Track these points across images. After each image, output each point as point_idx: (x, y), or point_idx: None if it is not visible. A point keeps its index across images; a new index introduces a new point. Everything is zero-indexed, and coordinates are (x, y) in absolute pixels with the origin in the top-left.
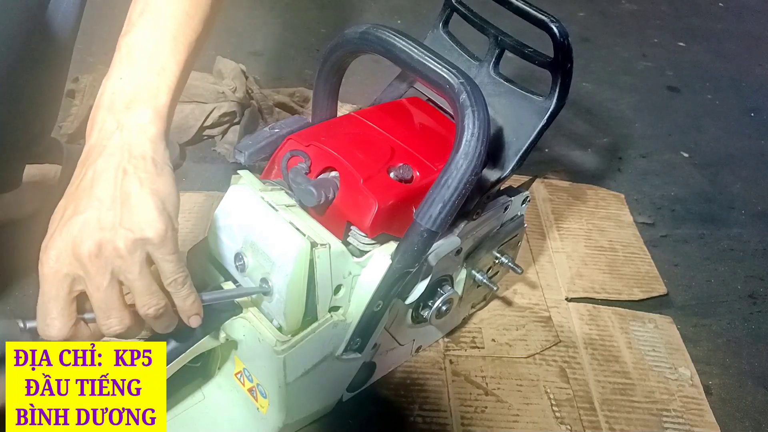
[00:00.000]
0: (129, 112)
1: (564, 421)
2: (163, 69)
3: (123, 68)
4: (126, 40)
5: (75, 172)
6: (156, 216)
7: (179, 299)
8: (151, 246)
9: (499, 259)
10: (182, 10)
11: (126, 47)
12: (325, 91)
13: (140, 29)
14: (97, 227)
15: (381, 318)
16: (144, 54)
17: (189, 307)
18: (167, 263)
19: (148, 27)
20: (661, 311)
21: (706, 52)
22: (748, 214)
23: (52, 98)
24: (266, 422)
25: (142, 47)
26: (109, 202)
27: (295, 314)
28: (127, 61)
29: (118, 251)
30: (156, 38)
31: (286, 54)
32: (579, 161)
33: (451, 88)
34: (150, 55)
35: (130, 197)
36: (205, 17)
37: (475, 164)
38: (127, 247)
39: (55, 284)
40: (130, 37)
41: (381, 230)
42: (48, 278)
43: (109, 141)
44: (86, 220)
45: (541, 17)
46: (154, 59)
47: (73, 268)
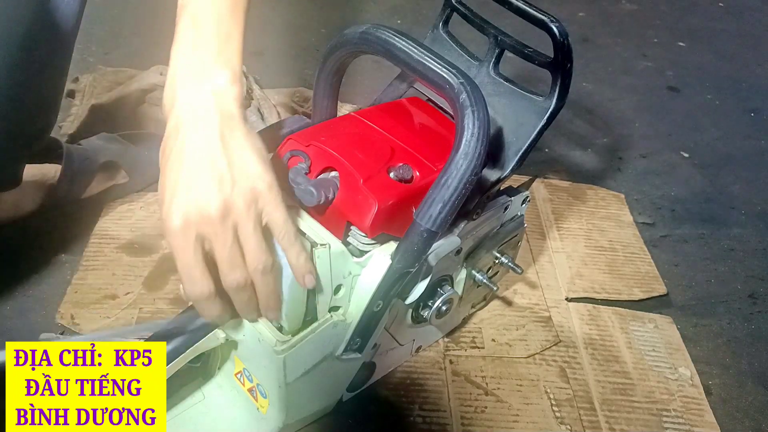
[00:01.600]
0: (211, 76)
1: (564, 421)
2: (229, 36)
3: (192, 37)
4: (188, 10)
5: (168, 140)
6: (263, 170)
7: (293, 255)
8: (262, 200)
9: (499, 259)
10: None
11: (190, 17)
12: (325, 91)
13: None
14: (217, 187)
15: (381, 318)
16: (209, 23)
17: (303, 263)
18: (279, 215)
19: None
20: (661, 311)
21: (706, 52)
22: (748, 214)
23: (53, 94)
24: (266, 422)
25: (206, 16)
26: (221, 163)
27: (296, 314)
28: (194, 30)
29: (239, 208)
30: (217, 7)
31: (286, 54)
32: (579, 161)
33: (451, 88)
34: (215, 23)
35: (235, 155)
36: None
37: (475, 164)
38: (246, 202)
39: (191, 248)
40: (192, 7)
41: (381, 230)
42: (181, 244)
43: (200, 105)
44: (206, 182)
45: (541, 17)
46: (220, 27)
47: (201, 229)
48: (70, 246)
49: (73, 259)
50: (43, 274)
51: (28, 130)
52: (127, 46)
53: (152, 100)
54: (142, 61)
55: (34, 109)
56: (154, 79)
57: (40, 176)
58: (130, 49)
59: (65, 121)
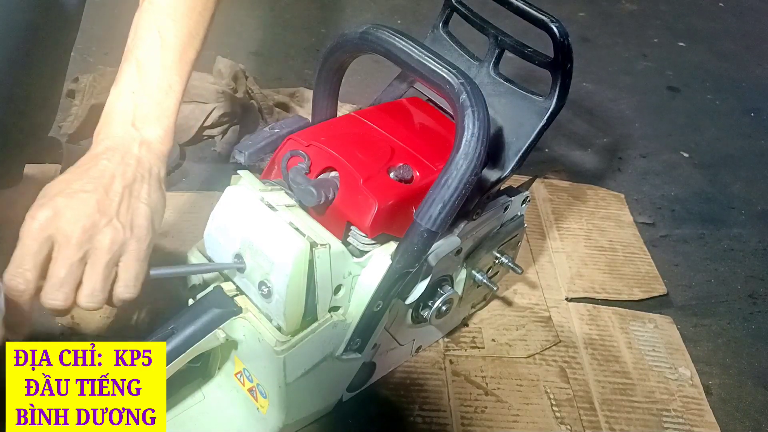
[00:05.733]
0: (144, 129)
1: (564, 421)
2: (170, 88)
3: (134, 83)
4: (135, 53)
5: (85, 158)
6: (146, 225)
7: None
8: (129, 247)
9: (499, 259)
10: (187, 30)
11: (136, 61)
12: (325, 91)
13: (149, 45)
14: (96, 209)
15: (381, 318)
16: (153, 71)
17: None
18: (132, 269)
19: (155, 44)
20: (661, 311)
21: (706, 52)
22: (748, 214)
23: (52, 90)
24: (266, 422)
25: (152, 64)
26: (115, 196)
27: (295, 315)
28: (137, 75)
29: (104, 238)
30: (164, 56)
31: (286, 54)
32: (579, 161)
33: (451, 88)
34: (159, 73)
35: (132, 200)
36: (204, 36)
37: (475, 164)
38: (112, 238)
39: (38, 241)
40: (139, 52)
41: (381, 230)
42: (33, 234)
43: (126, 149)
44: (91, 201)
45: (541, 17)
46: (162, 78)
47: (57, 234)
48: None
49: None
50: None
51: (27, 127)
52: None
53: None
54: None
55: (32, 105)
56: None
57: (40, 176)
58: None
59: (65, 121)
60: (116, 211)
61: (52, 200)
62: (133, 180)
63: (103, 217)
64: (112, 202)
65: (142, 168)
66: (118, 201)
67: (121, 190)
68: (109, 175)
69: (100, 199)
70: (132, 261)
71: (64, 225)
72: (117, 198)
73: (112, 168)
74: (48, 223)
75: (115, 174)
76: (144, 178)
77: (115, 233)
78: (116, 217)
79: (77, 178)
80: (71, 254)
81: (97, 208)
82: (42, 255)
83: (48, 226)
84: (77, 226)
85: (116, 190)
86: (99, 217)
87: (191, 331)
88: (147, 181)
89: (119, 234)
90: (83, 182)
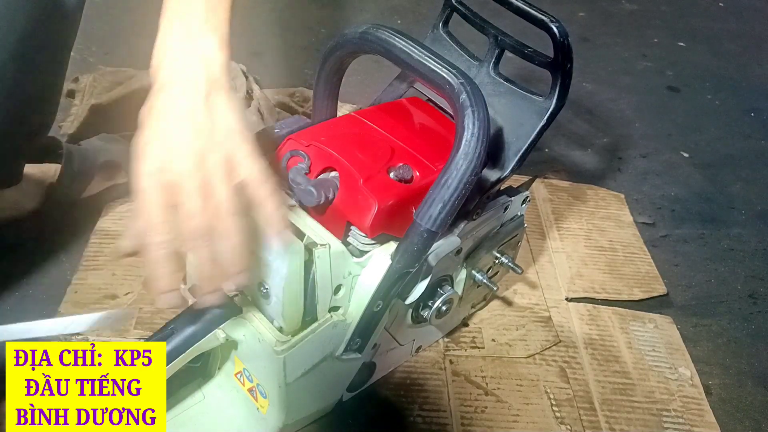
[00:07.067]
0: (199, 41)
1: (564, 421)
2: (217, 4)
3: (180, 7)
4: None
5: (152, 98)
6: (241, 127)
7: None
8: (240, 153)
9: (499, 259)
10: None
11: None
12: (325, 91)
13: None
14: (194, 138)
15: (381, 318)
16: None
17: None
18: (255, 168)
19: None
20: (661, 311)
21: (706, 52)
22: (748, 214)
23: (52, 89)
24: (266, 422)
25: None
26: (201, 117)
27: (293, 315)
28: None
29: (213, 159)
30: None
31: (286, 54)
32: (579, 161)
33: (451, 88)
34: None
35: (216, 113)
36: None
37: (475, 164)
38: (221, 155)
39: (156, 191)
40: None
41: (381, 230)
42: (148, 186)
43: (187, 67)
44: (184, 133)
45: (541, 17)
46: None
47: (171, 176)
48: (70, 246)
49: (73, 259)
50: (43, 274)
51: (27, 125)
52: (127, 46)
53: None
54: (142, 61)
55: (32, 103)
56: None
57: (40, 176)
58: (130, 49)
59: (65, 121)
60: (210, 131)
61: (150, 149)
62: (206, 95)
63: (202, 143)
64: (203, 125)
65: (210, 81)
66: (206, 120)
67: (204, 111)
68: (185, 103)
69: (191, 129)
70: (249, 163)
71: (174, 166)
72: (204, 118)
73: (184, 94)
74: (158, 171)
75: (189, 98)
76: (216, 90)
77: (220, 150)
78: (212, 135)
79: (159, 119)
80: (190, 187)
81: (193, 138)
82: (162, 203)
83: (160, 174)
84: (187, 162)
85: (200, 113)
86: (199, 144)
87: (191, 331)
88: (220, 91)
89: (224, 148)
90: (168, 121)
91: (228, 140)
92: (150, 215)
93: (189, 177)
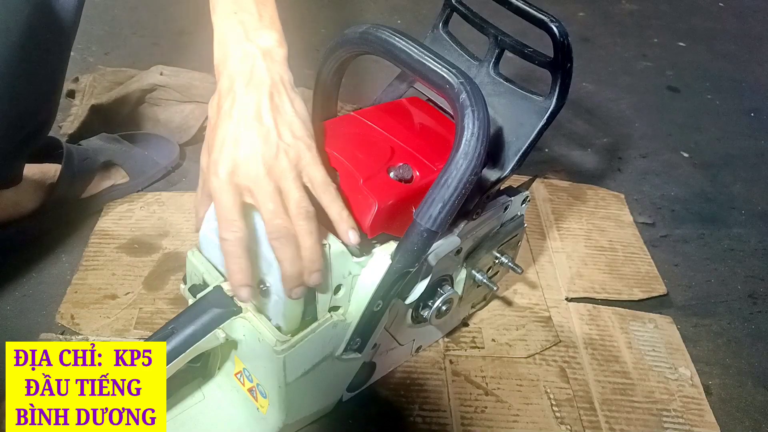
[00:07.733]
0: (259, 39)
1: (564, 421)
2: (265, 1)
3: (230, 4)
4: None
5: (221, 98)
6: (305, 133)
7: (335, 211)
8: (304, 159)
9: (499, 259)
10: None
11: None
12: (325, 91)
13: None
14: (263, 143)
15: (381, 318)
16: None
17: (345, 218)
18: (319, 174)
19: None
20: (661, 311)
21: (706, 52)
22: (748, 214)
23: (51, 89)
24: (266, 422)
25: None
26: (269, 121)
27: (294, 315)
28: None
29: (283, 163)
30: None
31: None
32: (579, 161)
33: (451, 88)
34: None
35: (281, 116)
36: None
37: (475, 164)
38: (290, 159)
39: (232, 193)
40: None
41: (381, 230)
42: (225, 189)
43: (251, 67)
44: (253, 138)
45: (541, 17)
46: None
47: (245, 180)
48: (70, 246)
49: (73, 259)
50: (43, 274)
51: (27, 125)
52: (127, 46)
53: (152, 100)
54: (142, 61)
55: (32, 103)
56: (154, 79)
57: (40, 176)
58: (130, 49)
59: (65, 121)
60: (278, 135)
61: (222, 153)
62: (271, 97)
63: (271, 146)
64: (270, 129)
65: (274, 80)
66: (273, 124)
67: (270, 113)
68: (252, 105)
69: (259, 132)
70: (313, 168)
71: (247, 169)
72: (271, 122)
73: (249, 95)
74: (231, 174)
75: (256, 100)
76: (280, 91)
77: (288, 153)
78: (280, 139)
79: (229, 122)
80: (267, 188)
81: (263, 141)
82: (238, 204)
83: (233, 177)
84: (258, 165)
85: (266, 115)
86: (268, 148)
87: (191, 330)
88: (284, 92)
89: (291, 152)
90: (237, 125)
91: (293, 148)
92: (224, 213)
93: (263, 180)
